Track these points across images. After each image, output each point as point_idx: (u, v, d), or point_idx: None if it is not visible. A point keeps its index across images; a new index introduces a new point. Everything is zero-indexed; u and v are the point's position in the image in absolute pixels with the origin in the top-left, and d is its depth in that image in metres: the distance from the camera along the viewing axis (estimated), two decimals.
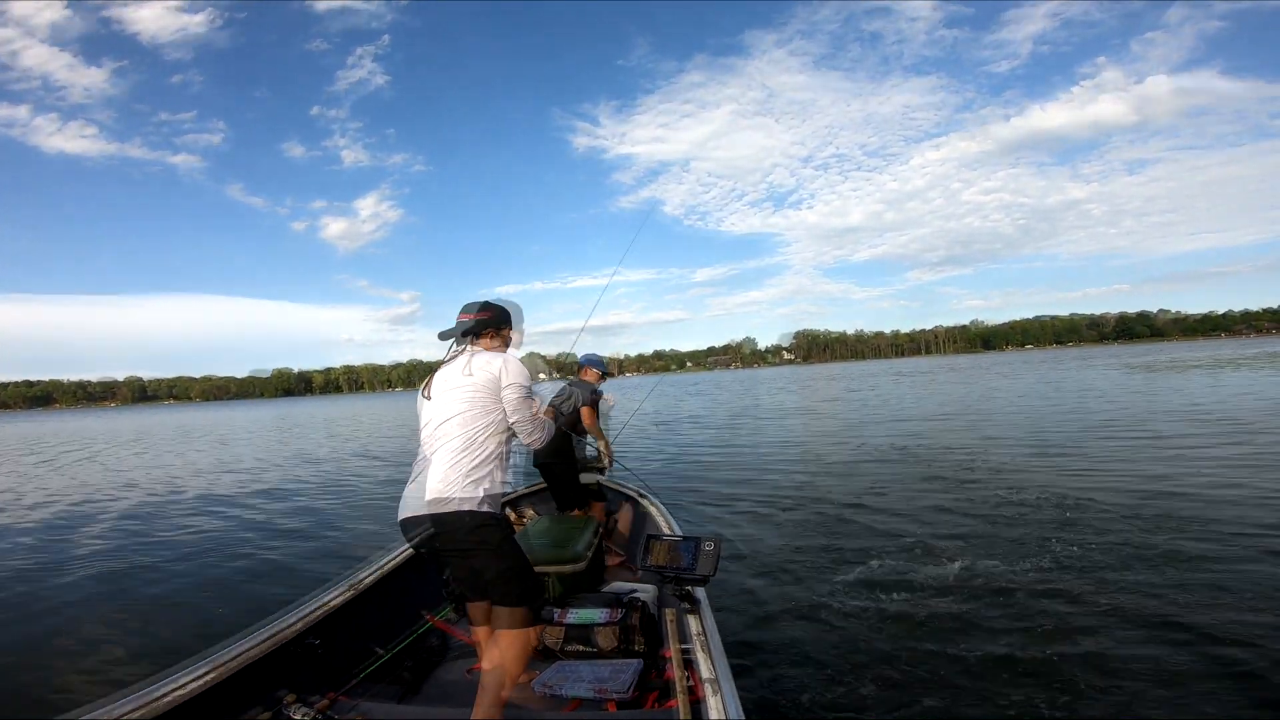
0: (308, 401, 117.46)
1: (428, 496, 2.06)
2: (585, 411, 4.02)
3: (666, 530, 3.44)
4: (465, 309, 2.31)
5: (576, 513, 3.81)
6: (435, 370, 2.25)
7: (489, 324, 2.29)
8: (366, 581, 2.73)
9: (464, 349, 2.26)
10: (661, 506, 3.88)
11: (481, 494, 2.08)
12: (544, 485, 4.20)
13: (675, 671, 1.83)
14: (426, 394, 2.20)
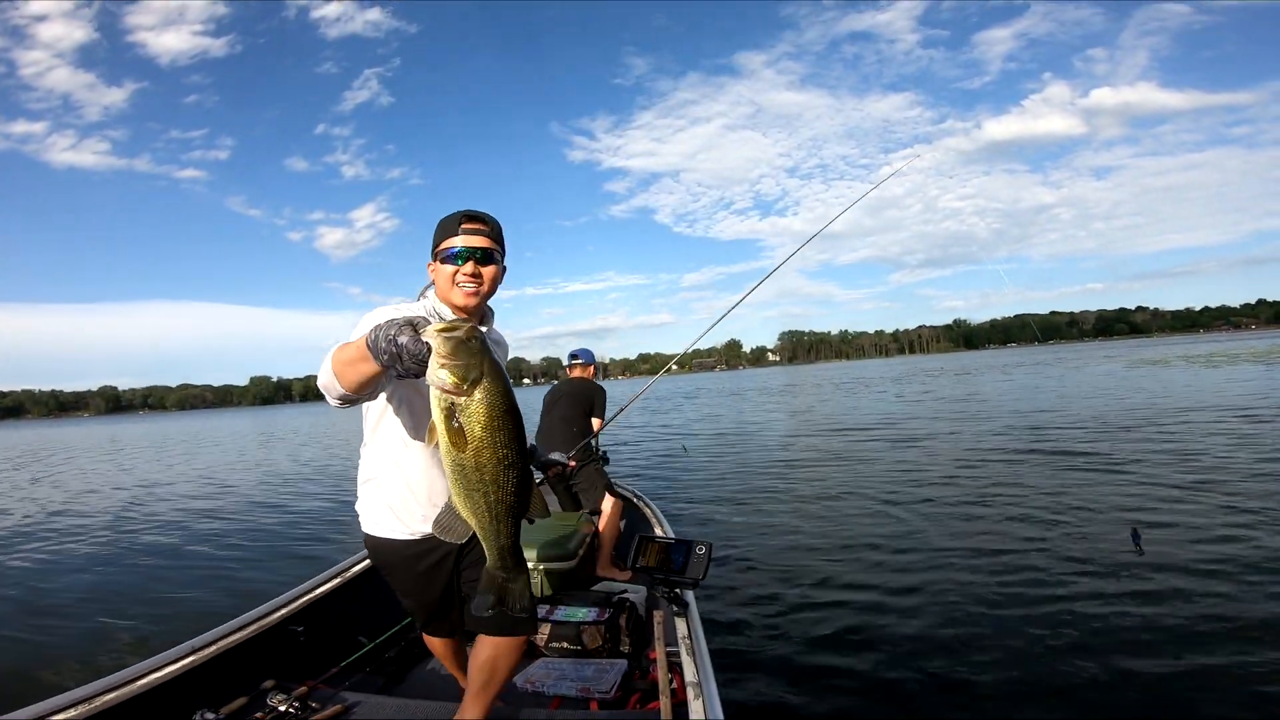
0: (286, 410, 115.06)
1: None
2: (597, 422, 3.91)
3: (659, 532, 3.39)
4: None
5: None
6: None
7: None
8: (354, 570, 2.64)
9: None
10: (655, 508, 3.84)
11: (362, 509, 1.68)
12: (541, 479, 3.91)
13: (660, 673, 1.80)
14: None
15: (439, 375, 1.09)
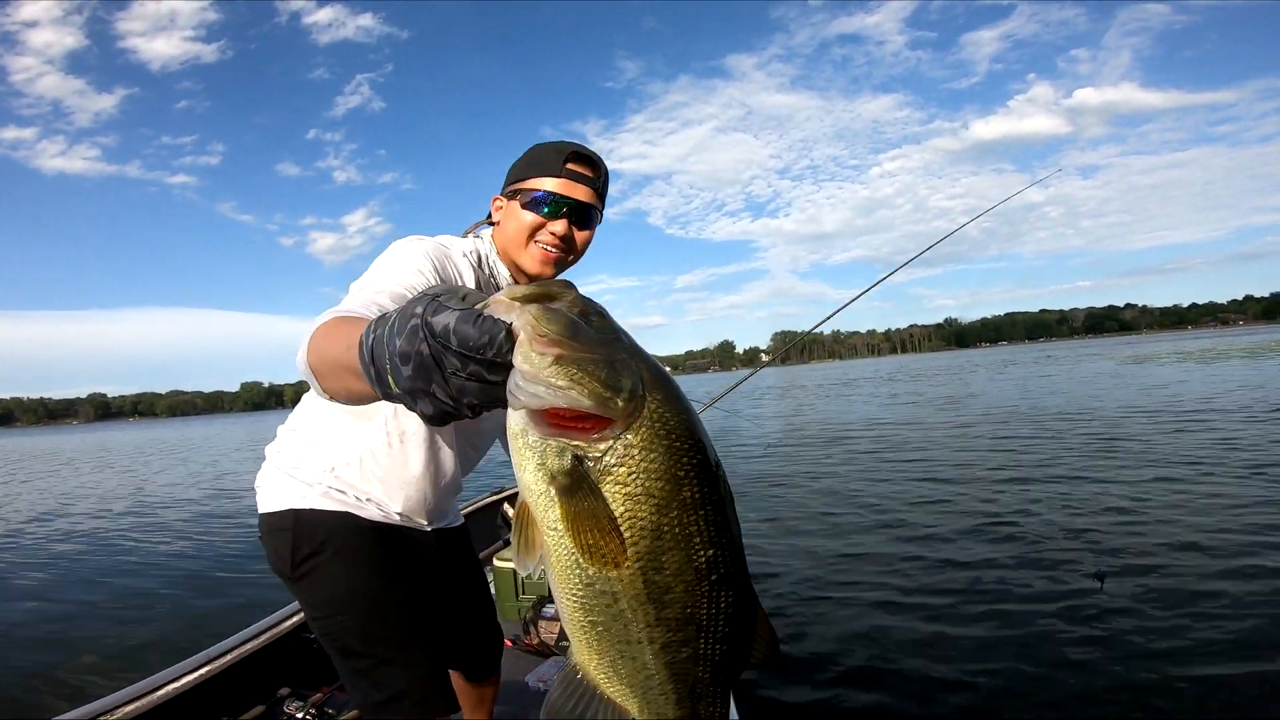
0: (277, 415, 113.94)
1: None
2: None
3: None
4: None
5: None
6: None
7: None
8: None
9: None
10: None
11: (272, 477, 1.14)
12: None
13: None
14: None
15: (550, 391, 0.44)
